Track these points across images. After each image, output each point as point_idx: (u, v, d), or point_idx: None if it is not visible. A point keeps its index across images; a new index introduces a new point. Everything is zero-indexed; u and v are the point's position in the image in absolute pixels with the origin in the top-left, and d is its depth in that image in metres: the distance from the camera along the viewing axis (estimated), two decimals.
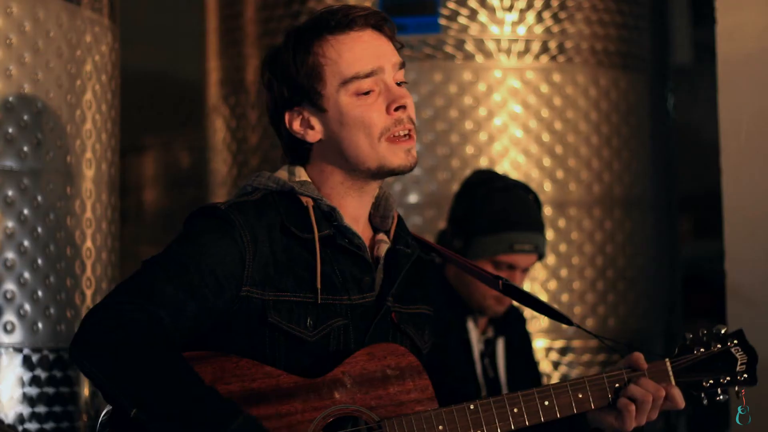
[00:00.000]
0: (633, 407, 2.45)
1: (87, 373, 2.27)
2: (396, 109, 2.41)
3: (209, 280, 2.30)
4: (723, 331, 2.53)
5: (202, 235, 2.35)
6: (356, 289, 2.42)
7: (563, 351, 4.58)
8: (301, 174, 2.46)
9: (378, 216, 2.54)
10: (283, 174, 2.47)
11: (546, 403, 2.43)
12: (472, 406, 2.38)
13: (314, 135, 2.44)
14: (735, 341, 2.53)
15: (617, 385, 2.48)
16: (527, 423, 2.41)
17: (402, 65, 2.46)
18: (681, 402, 2.48)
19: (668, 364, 2.51)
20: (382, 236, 2.51)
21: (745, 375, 2.51)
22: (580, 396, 2.46)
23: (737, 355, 2.52)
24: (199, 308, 2.30)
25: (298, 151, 2.48)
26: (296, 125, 2.44)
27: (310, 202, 2.42)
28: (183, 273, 2.30)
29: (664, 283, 5.01)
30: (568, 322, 2.60)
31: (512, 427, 2.40)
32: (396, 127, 2.41)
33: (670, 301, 5.06)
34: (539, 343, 4.53)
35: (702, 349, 2.51)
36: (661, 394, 2.46)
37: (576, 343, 4.59)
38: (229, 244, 2.33)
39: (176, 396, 2.19)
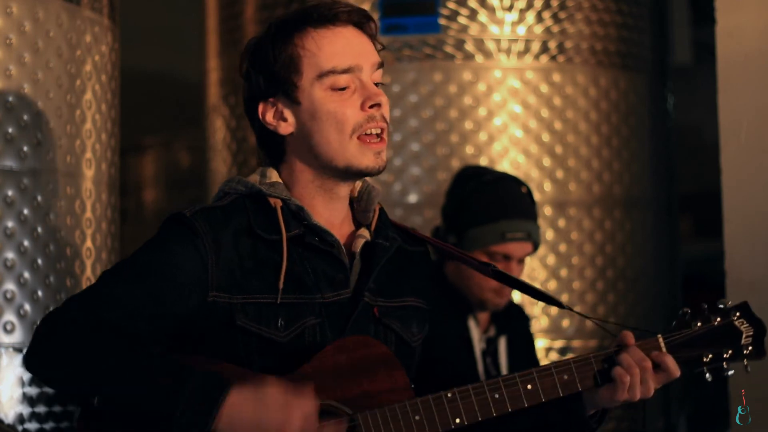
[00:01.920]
0: (627, 377, 2.40)
1: (45, 380, 2.33)
2: (371, 107, 2.39)
3: (167, 286, 2.31)
4: (726, 305, 2.47)
5: (165, 243, 2.36)
6: (329, 287, 2.40)
7: (563, 351, 4.58)
8: (273, 175, 2.45)
9: (360, 210, 2.51)
10: (254, 177, 2.47)
11: (529, 386, 2.39)
12: (449, 395, 2.35)
13: (286, 127, 2.43)
14: (738, 314, 2.46)
15: (606, 365, 2.43)
16: (509, 408, 2.38)
17: (380, 65, 2.45)
18: (675, 370, 2.42)
19: (660, 339, 2.46)
20: (362, 231, 2.49)
21: (751, 348, 2.44)
22: (566, 377, 2.42)
23: (742, 327, 2.44)
24: (156, 313, 2.31)
25: (271, 145, 2.46)
26: (269, 116, 2.43)
27: (278, 203, 2.41)
28: (140, 279, 2.31)
29: (664, 283, 5.00)
30: (559, 305, 2.57)
31: (493, 414, 2.37)
32: (368, 123, 2.39)
33: (670, 301, 5.06)
34: (539, 343, 4.53)
35: (700, 323, 2.45)
36: (647, 365, 2.41)
37: (576, 343, 4.59)
38: (191, 252, 2.34)
39: (134, 368, 2.22)
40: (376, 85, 2.43)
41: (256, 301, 2.35)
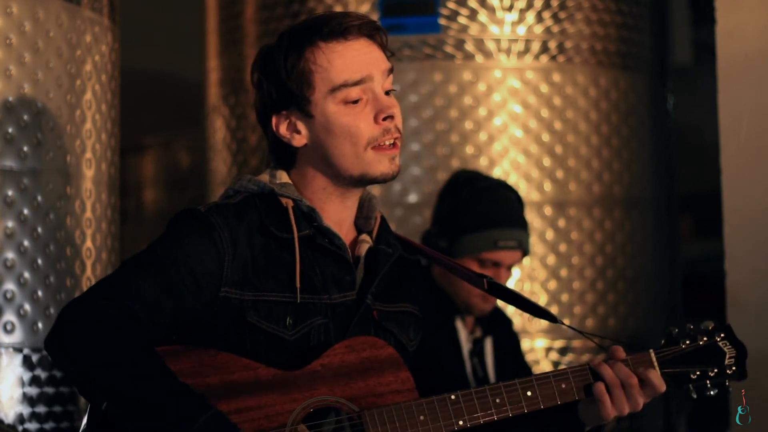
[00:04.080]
0: (607, 396, 2.43)
1: (62, 368, 2.32)
2: (384, 119, 2.43)
3: (187, 279, 2.34)
4: (710, 326, 2.53)
5: (182, 236, 2.38)
6: (336, 288, 2.45)
7: (563, 351, 4.58)
8: (283, 177, 2.49)
9: (361, 218, 2.55)
10: (264, 177, 2.50)
11: (529, 393, 2.43)
12: (453, 397, 2.39)
13: (300, 140, 2.46)
14: (722, 335, 2.53)
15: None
16: (510, 413, 2.42)
17: (390, 71, 2.47)
18: (661, 384, 2.46)
19: (652, 354, 2.50)
20: (364, 237, 2.53)
21: (734, 368, 2.51)
22: (564, 386, 2.45)
23: (725, 348, 2.52)
24: (177, 306, 2.34)
25: (283, 154, 2.50)
26: (283, 129, 2.47)
27: (290, 203, 2.44)
28: (161, 272, 2.34)
29: (664, 283, 5.00)
30: (553, 319, 2.60)
31: (495, 418, 2.41)
32: (383, 136, 2.43)
33: (670, 301, 5.06)
34: (539, 343, 4.53)
35: (688, 342, 2.51)
36: (632, 381, 2.44)
37: (576, 343, 4.59)
38: (208, 245, 2.37)
39: (147, 389, 2.23)
40: (388, 93, 2.46)
41: (267, 299, 2.39)
